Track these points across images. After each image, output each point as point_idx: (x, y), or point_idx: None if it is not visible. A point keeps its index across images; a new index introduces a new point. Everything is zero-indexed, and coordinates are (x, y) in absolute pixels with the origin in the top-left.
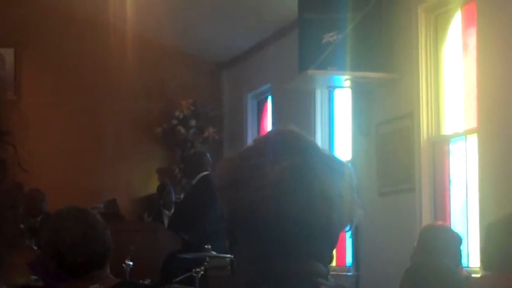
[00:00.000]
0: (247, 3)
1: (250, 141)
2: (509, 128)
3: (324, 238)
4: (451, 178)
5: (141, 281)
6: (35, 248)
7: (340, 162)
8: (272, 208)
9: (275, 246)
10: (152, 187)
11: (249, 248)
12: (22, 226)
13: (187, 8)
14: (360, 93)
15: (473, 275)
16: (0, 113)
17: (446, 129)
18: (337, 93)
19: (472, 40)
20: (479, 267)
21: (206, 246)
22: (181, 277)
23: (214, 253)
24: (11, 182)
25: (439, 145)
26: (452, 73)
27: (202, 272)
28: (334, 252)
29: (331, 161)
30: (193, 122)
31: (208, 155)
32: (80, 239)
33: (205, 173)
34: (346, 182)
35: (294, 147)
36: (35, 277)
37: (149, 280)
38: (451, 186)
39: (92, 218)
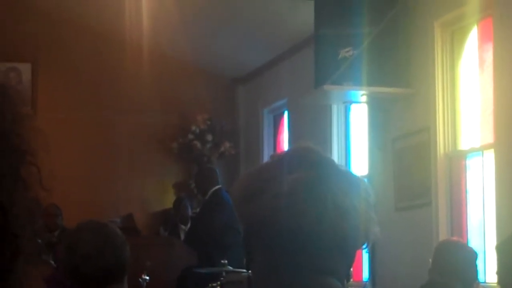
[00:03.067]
0: (263, 18)
1: (266, 155)
2: None
3: (338, 252)
4: (467, 193)
5: None
6: (52, 263)
7: (356, 178)
8: (285, 218)
9: (288, 258)
10: (168, 201)
11: (264, 263)
12: (39, 241)
13: (203, 23)
14: (377, 108)
15: None
16: (22, 132)
17: (463, 144)
18: (354, 108)
19: (489, 56)
20: (496, 283)
21: (222, 261)
22: None
23: (230, 267)
24: (30, 199)
25: (456, 160)
26: (468, 88)
27: (218, 287)
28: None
29: (347, 176)
30: (209, 137)
31: (216, 169)
32: (97, 252)
33: (216, 187)
34: (362, 198)
35: (309, 161)
36: None
37: None
38: (467, 201)
39: (111, 232)
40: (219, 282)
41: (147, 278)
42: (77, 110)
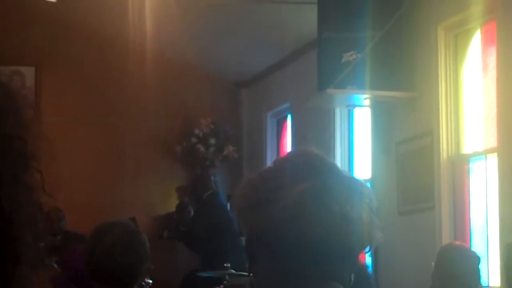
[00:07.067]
0: (266, 22)
1: (269, 159)
2: None
3: (343, 259)
4: (471, 197)
5: None
6: (55, 266)
7: (359, 184)
8: (292, 230)
9: (294, 267)
10: (172, 205)
11: (268, 269)
12: (42, 244)
13: (206, 27)
14: (380, 112)
15: None
16: (26, 136)
17: (466, 148)
18: (357, 112)
19: (492, 60)
20: (500, 287)
21: (225, 265)
22: None
23: (233, 271)
24: (33, 204)
25: (459, 164)
26: (471, 92)
27: None
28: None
29: (350, 182)
30: (212, 141)
31: (210, 174)
32: (119, 249)
33: (209, 192)
34: (365, 204)
35: (313, 169)
36: None
37: None
38: (471, 205)
39: (140, 242)
40: (222, 286)
41: (150, 281)
42: (81, 114)
